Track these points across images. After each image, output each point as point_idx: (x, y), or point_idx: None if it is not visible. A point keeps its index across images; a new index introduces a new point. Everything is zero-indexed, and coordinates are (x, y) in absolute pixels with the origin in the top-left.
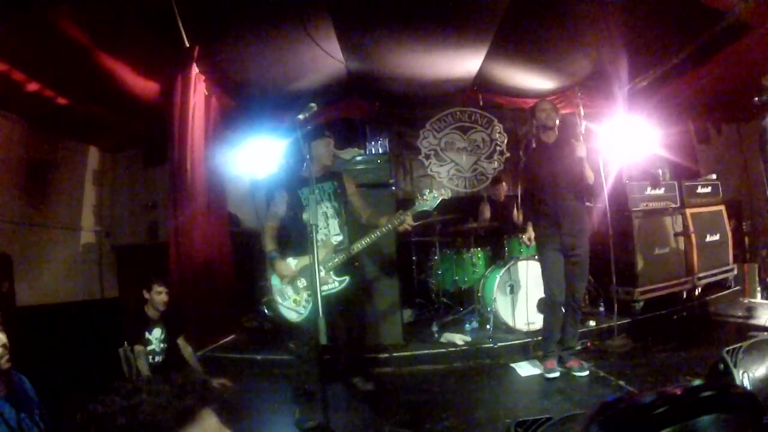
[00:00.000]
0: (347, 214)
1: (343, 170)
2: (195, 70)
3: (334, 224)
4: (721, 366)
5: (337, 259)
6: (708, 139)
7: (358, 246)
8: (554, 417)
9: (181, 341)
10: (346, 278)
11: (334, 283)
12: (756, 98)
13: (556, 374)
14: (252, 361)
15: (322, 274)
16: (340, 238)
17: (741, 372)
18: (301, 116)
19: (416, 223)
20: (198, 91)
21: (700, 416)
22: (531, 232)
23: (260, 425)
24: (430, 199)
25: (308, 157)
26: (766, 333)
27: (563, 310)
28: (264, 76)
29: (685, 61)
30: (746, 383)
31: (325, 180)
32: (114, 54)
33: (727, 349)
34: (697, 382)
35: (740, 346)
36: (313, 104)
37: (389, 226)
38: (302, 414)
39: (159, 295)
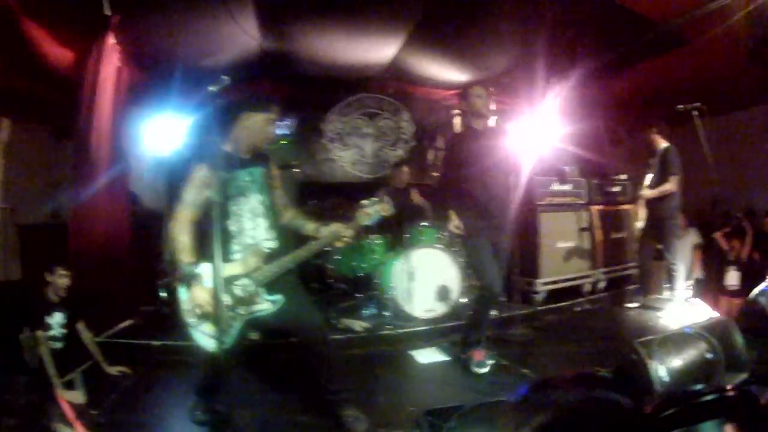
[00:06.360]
0: (274, 212)
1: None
2: (112, 39)
3: (262, 225)
4: (634, 356)
5: (269, 272)
6: (621, 141)
7: (295, 258)
8: (464, 405)
9: (80, 326)
10: (279, 298)
11: (264, 304)
12: (680, 106)
13: (486, 369)
14: (149, 348)
15: (251, 289)
16: (272, 243)
17: (656, 363)
18: (212, 88)
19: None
20: (111, 62)
21: (701, 422)
22: (456, 220)
23: (158, 415)
24: (373, 213)
25: (233, 131)
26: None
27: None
28: (179, 49)
29: (606, 66)
30: (663, 374)
31: (253, 164)
32: (36, 19)
33: (641, 340)
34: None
35: (654, 338)
36: (226, 77)
37: (325, 239)
38: (196, 405)
39: (61, 279)
